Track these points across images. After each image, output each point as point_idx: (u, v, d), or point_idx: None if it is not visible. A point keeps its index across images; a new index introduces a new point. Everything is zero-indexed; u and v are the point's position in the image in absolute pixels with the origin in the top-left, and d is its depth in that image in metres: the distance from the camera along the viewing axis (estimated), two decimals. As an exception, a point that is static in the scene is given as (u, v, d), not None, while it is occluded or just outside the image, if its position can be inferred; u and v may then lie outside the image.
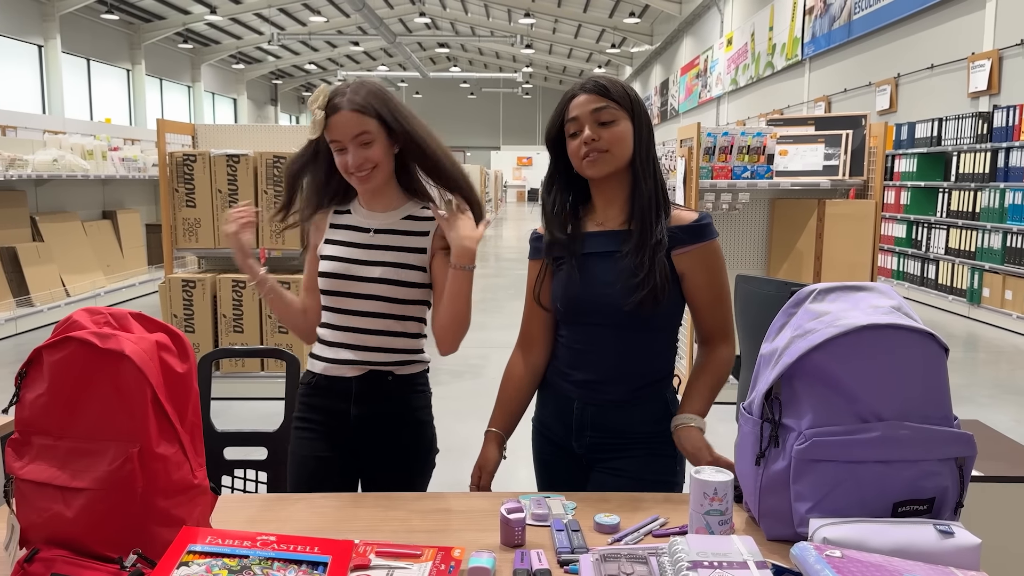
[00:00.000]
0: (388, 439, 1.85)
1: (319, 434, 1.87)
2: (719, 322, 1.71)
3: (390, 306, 1.82)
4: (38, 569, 1.14)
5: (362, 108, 1.74)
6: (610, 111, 1.62)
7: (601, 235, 1.69)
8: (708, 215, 1.69)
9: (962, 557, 1.18)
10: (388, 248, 1.84)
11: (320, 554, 1.09)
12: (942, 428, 1.29)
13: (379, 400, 1.84)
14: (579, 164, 1.66)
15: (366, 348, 1.83)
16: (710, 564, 1.04)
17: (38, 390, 1.22)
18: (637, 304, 1.60)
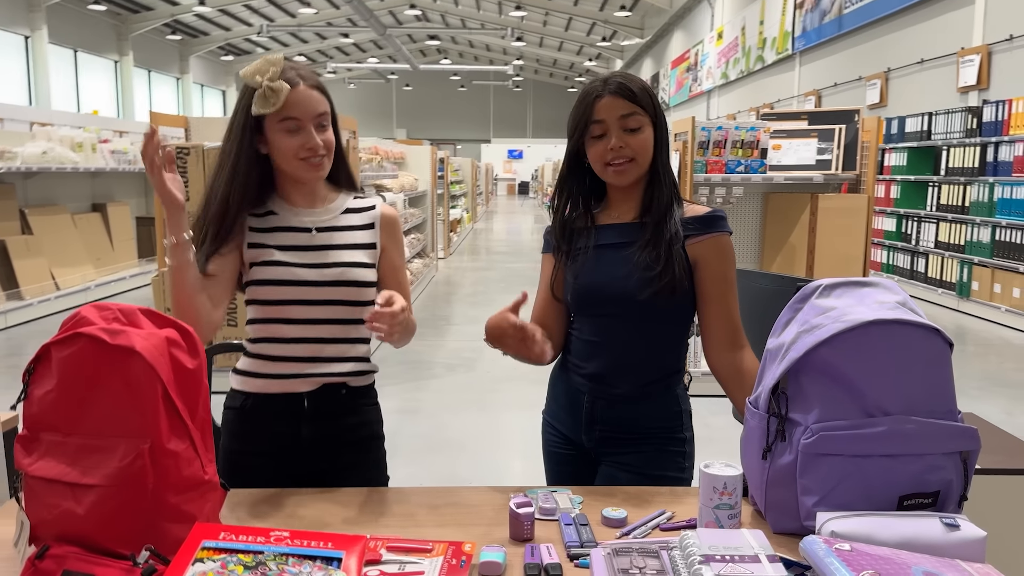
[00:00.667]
0: (344, 458, 1.71)
1: (261, 465, 1.66)
2: (731, 322, 1.68)
3: (346, 310, 1.68)
4: (49, 566, 1.14)
5: (319, 87, 1.64)
6: (636, 118, 1.62)
7: (615, 228, 1.70)
8: (722, 210, 1.70)
9: (968, 549, 1.19)
10: (336, 247, 1.69)
11: (334, 549, 1.09)
12: (947, 422, 1.30)
13: (334, 416, 1.70)
14: (602, 169, 1.66)
15: (320, 359, 1.68)
16: (722, 558, 1.05)
17: (47, 386, 1.21)
18: (653, 295, 1.61)
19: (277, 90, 1.56)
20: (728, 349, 1.68)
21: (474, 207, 20.14)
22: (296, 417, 1.68)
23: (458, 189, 16.67)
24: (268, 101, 1.56)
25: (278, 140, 1.61)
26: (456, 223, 15.03)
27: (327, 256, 1.67)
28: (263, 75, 1.56)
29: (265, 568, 1.03)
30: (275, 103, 1.56)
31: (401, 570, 1.19)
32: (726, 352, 1.68)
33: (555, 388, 1.83)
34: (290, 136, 1.60)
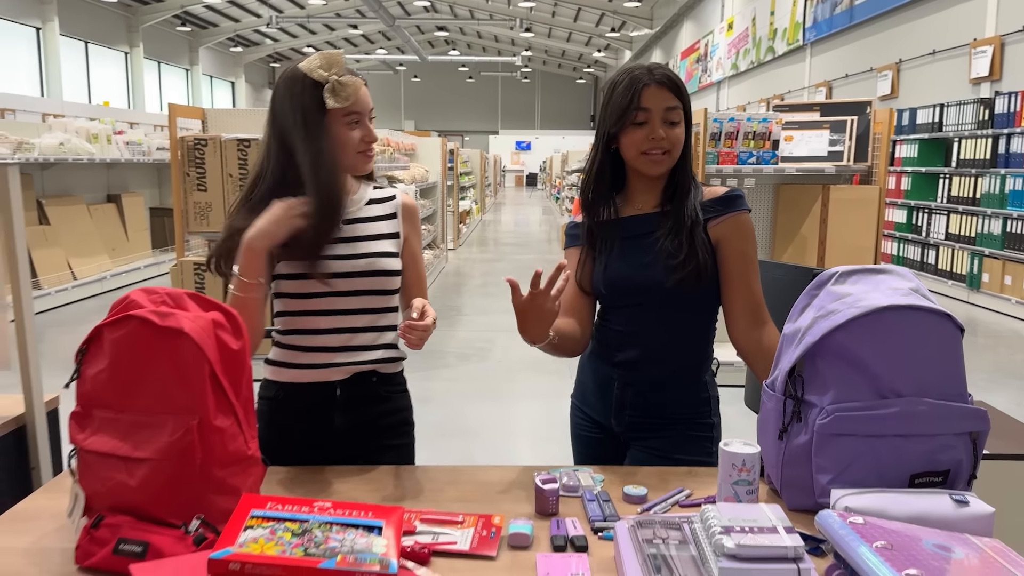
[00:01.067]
0: (375, 445, 1.75)
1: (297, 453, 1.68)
2: (754, 298, 1.72)
3: (375, 299, 1.72)
4: (104, 534, 1.21)
5: (365, 83, 1.70)
6: (678, 112, 1.66)
7: (638, 219, 1.74)
8: (740, 189, 1.75)
9: (976, 525, 1.25)
10: (362, 238, 1.71)
11: (374, 519, 1.15)
12: (958, 404, 1.35)
13: (366, 403, 1.74)
14: (636, 156, 1.68)
15: (351, 348, 1.71)
16: (741, 529, 1.11)
17: (99, 366, 1.28)
18: (679, 281, 1.65)
19: (350, 84, 1.60)
20: (752, 326, 1.72)
21: (483, 199, 20.18)
22: (329, 405, 1.71)
23: (467, 180, 16.72)
24: (340, 95, 1.59)
25: (342, 133, 1.63)
26: (465, 214, 15.08)
27: (355, 247, 1.69)
28: (328, 70, 1.59)
29: (311, 535, 1.09)
30: (348, 97, 1.60)
31: (435, 540, 1.26)
32: (750, 329, 1.72)
33: (584, 374, 1.88)
34: (353, 129, 1.65)
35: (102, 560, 1.19)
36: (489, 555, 1.24)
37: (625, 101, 1.66)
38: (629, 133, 1.68)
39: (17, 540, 1.31)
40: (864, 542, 1.11)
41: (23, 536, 1.32)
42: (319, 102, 1.60)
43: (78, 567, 1.21)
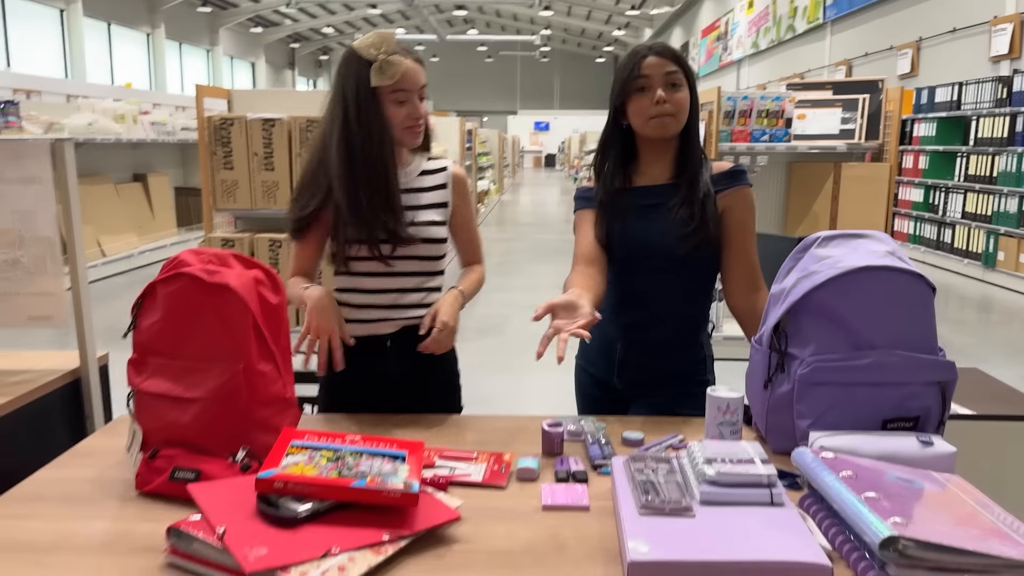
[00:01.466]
0: (423, 392, 1.89)
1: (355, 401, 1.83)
2: (750, 265, 1.85)
3: (421, 264, 1.84)
4: (161, 464, 1.37)
5: (419, 61, 1.75)
6: (679, 76, 1.77)
7: (650, 189, 1.86)
8: (743, 165, 1.88)
9: (939, 463, 1.38)
10: (414, 208, 1.82)
11: (398, 450, 1.31)
12: (928, 356, 1.48)
13: (415, 352, 1.83)
14: (643, 122, 1.79)
15: (399, 306, 1.85)
16: (722, 460, 1.25)
17: (153, 318, 1.44)
18: (692, 249, 1.78)
19: (396, 63, 1.67)
20: (747, 291, 1.86)
21: (501, 179, 20.27)
22: (382, 356, 1.86)
23: (485, 161, 16.81)
24: (386, 74, 1.68)
25: (389, 110, 1.72)
26: (484, 195, 15.20)
27: (406, 216, 1.79)
28: (378, 49, 1.67)
29: (344, 461, 1.25)
30: (393, 75, 1.68)
31: (452, 473, 1.41)
32: (746, 293, 1.86)
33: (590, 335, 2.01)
34: (399, 107, 1.73)
35: (159, 486, 1.35)
36: (499, 485, 1.39)
37: (626, 72, 1.79)
38: (634, 101, 1.79)
39: (82, 472, 1.48)
40: (831, 472, 1.25)
41: (87, 469, 1.49)
42: (368, 79, 1.69)
43: (138, 492, 1.38)
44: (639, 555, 1.06)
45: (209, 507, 1.17)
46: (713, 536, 1.11)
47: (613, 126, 1.88)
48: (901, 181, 10.27)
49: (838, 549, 1.18)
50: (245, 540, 1.10)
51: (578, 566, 1.15)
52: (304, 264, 1.87)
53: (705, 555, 1.06)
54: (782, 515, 1.18)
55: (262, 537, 1.12)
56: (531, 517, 1.30)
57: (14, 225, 1.95)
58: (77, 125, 7.63)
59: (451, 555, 1.18)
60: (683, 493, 1.22)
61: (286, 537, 1.13)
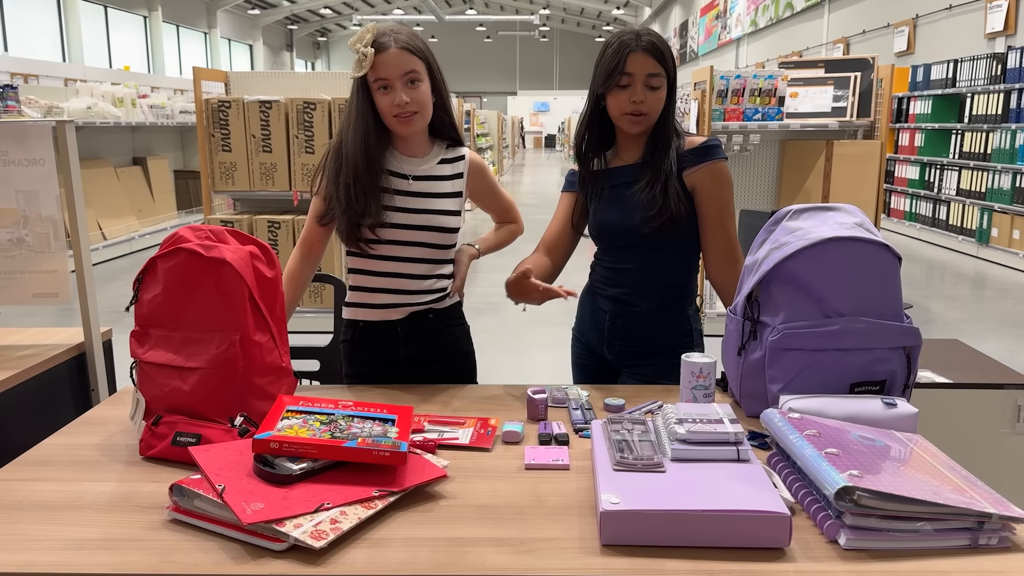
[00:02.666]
0: (437, 373, 1.96)
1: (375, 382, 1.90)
2: (727, 239, 1.91)
3: (430, 251, 1.91)
4: (163, 430, 1.45)
5: (409, 47, 1.79)
6: (659, 78, 1.83)
7: (622, 169, 1.94)
8: (716, 139, 1.93)
9: (902, 423, 1.46)
10: (428, 195, 1.89)
11: (388, 414, 1.38)
12: (893, 323, 1.55)
13: (425, 338, 1.95)
14: (619, 116, 1.86)
15: (406, 292, 1.91)
16: (693, 420, 1.33)
17: (154, 291, 1.51)
18: (656, 229, 1.85)
19: (366, 55, 1.75)
20: (724, 263, 1.92)
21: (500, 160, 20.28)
22: (393, 341, 1.94)
23: (484, 142, 16.82)
24: (360, 65, 1.77)
25: (376, 99, 1.81)
26: (483, 175, 15.18)
27: (420, 203, 1.87)
28: (358, 43, 1.76)
29: (337, 424, 1.32)
30: (365, 66, 1.76)
31: (440, 436, 1.49)
32: (723, 265, 1.92)
33: (582, 308, 2.10)
34: (383, 95, 1.79)
35: (162, 450, 1.43)
36: (485, 448, 1.47)
37: (612, 64, 1.84)
38: (614, 94, 1.86)
39: (88, 439, 1.55)
40: (796, 431, 1.33)
41: (93, 436, 1.57)
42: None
43: (142, 457, 1.45)
44: (610, 506, 1.14)
45: (209, 467, 1.25)
46: (680, 489, 1.19)
47: (593, 109, 1.94)
48: (897, 159, 10.30)
49: (800, 501, 1.26)
50: (243, 496, 1.18)
51: (556, 518, 1.23)
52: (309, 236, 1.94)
53: (670, 505, 1.14)
54: (747, 470, 1.26)
55: (259, 494, 1.19)
56: (514, 476, 1.38)
57: (18, 205, 2.02)
58: (76, 109, 7.67)
59: (438, 509, 1.26)
60: (655, 451, 1.30)
61: (282, 493, 1.20)
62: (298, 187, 5.21)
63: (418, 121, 1.84)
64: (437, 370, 1.98)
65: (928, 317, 6.12)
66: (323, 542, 1.11)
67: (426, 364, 1.97)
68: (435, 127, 1.94)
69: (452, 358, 2.02)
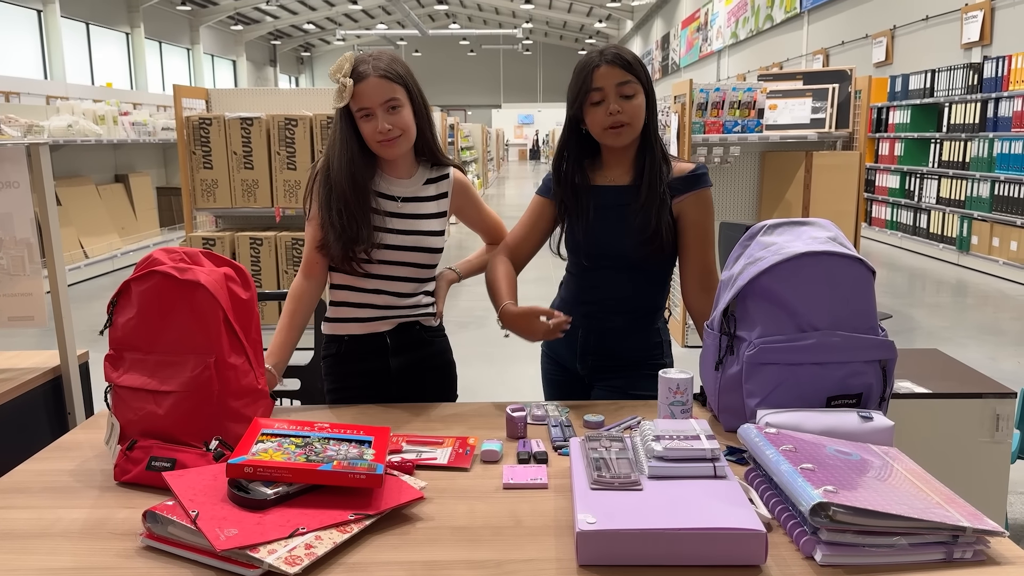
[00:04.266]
0: (423, 384, 2.00)
1: (360, 397, 1.92)
2: (706, 267, 1.92)
3: (417, 271, 1.94)
4: (138, 455, 1.43)
5: (388, 74, 1.80)
6: (632, 85, 1.82)
7: (610, 190, 1.92)
8: (704, 166, 1.94)
9: (878, 436, 1.46)
10: (416, 216, 1.92)
11: (365, 435, 1.38)
12: (868, 336, 1.56)
13: (414, 348, 1.98)
14: (600, 132, 1.85)
15: (394, 307, 1.94)
16: (670, 436, 1.33)
17: (128, 315, 1.50)
18: (646, 254, 1.86)
19: (346, 85, 1.78)
20: (700, 290, 1.93)
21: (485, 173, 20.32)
22: (383, 352, 1.96)
23: (469, 155, 16.85)
24: (340, 96, 1.79)
25: (360, 126, 1.83)
26: (467, 188, 15.19)
27: (408, 224, 1.91)
28: (337, 73, 1.79)
29: (312, 447, 1.31)
30: (345, 97, 1.79)
31: (418, 457, 1.48)
32: (699, 292, 1.93)
33: None
34: (366, 122, 1.82)
35: (137, 475, 1.42)
36: (464, 467, 1.47)
37: (579, 84, 1.85)
38: (590, 113, 1.86)
39: (63, 464, 1.54)
40: (772, 446, 1.33)
41: (67, 461, 1.55)
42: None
43: (117, 482, 1.44)
44: (586, 526, 1.14)
45: (183, 492, 1.24)
46: (657, 507, 1.19)
47: (571, 131, 1.93)
48: (878, 168, 10.41)
49: (777, 517, 1.26)
50: (217, 522, 1.17)
51: (533, 538, 1.23)
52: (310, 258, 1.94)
53: (647, 524, 1.13)
54: (724, 487, 1.26)
55: (233, 519, 1.18)
56: (492, 496, 1.37)
57: (-8, 229, 2.00)
58: (57, 127, 7.63)
59: (415, 532, 1.25)
60: (632, 468, 1.29)
61: (256, 519, 1.19)
62: (280, 203, 5.19)
63: (402, 144, 1.86)
64: (424, 381, 2.00)
65: (910, 325, 6.17)
66: (297, 568, 1.10)
67: (415, 375, 1.99)
68: (419, 148, 1.96)
69: (438, 368, 2.06)
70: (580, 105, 1.86)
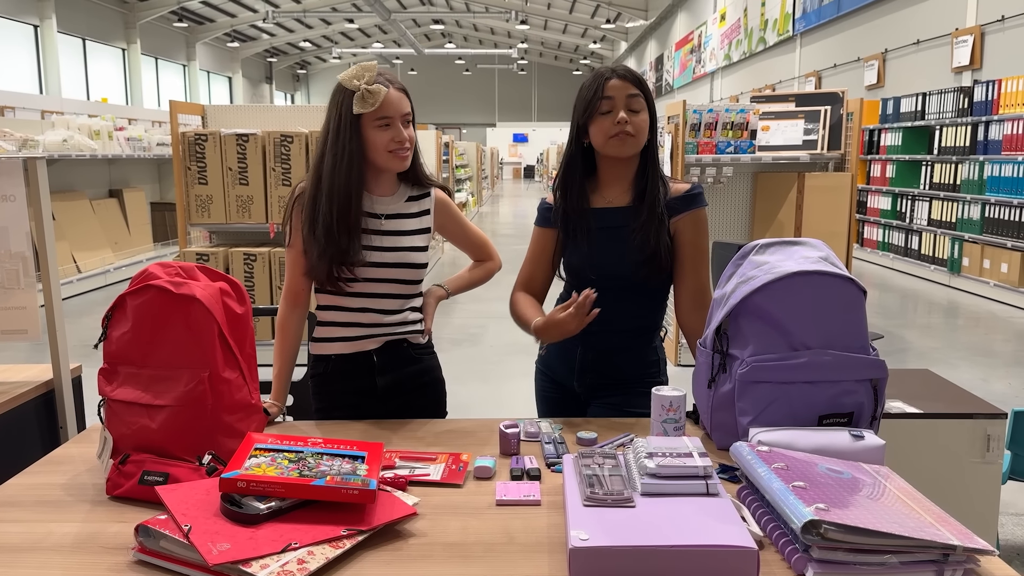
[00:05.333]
0: (411, 402, 1.99)
1: (348, 416, 1.90)
2: (700, 286, 1.94)
3: (401, 287, 1.94)
4: (131, 469, 1.43)
5: (404, 90, 1.86)
6: (640, 100, 1.86)
7: (609, 211, 1.94)
8: (700, 186, 1.97)
9: (870, 455, 1.47)
10: (399, 233, 1.92)
11: (358, 451, 1.38)
12: (859, 355, 1.57)
13: (402, 366, 1.97)
14: (604, 141, 1.87)
15: (381, 324, 1.94)
16: (663, 454, 1.34)
17: (123, 328, 1.50)
18: (646, 275, 1.88)
19: (375, 92, 1.77)
20: (694, 308, 1.95)
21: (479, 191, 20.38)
22: (370, 370, 1.95)
23: (463, 173, 16.91)
24: (367, 102, 1.78)
25: (373, 135, 1.82)
26: (461, 207, 15.28)
27: (391, 241, 1.90)
28: (360, 79, 1.79)
29: (305, 462, 1.31)
30: (373, 103, 1.78)
31: (411, 473, 1.48)
32: (693, 311, 1.95)
33: (550, 343, 2.09)
34: (382, 131, 1.82)
35: (129, 490, 1.41)
36: (456, 484, 1.47)
37: (590, 93, 1.88)
38: (596, 122, 1.87)
39: (55, 478, 1.53)
40: (765, 464, 1.34)
41: (60, 475, 1.54)
42: (351, 108, 1.80)
43: (109, 497, 1.43)
44: (579, 542, 1.14)
45: (176, 506, 1.23)
46: (649, 524, 1.19)
47: (576, 145, 1.96)
48: (870, 189, 10.49)
49: (769, 535, 1.27)
50: (209, 536, 1.17)
51: (526, 555, 1.23)
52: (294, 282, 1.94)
53: (639, 541, 1.14)
54: (716, 504, 1.26)
55: (226, 534, 1.18)
56: (485, 512, 1.37)
57: (-13, 242, 2.00)
58: (52, 141, 7.63)
59: (407, 548, 1.25)
60: (625, 485, 1.30)
61: (248, 533, 1.19)
62: (275, 219, 5.20)
63: (409, 158, 1.89)
64: (412, 399, 1.99)
65: (902, 346, 6.19)
66: (290, 583, 1.09)
67: (402, 393, 1.98)
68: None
69: (427, 386, 2.05)
70: (590, 114, 1.88)
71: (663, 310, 2.03)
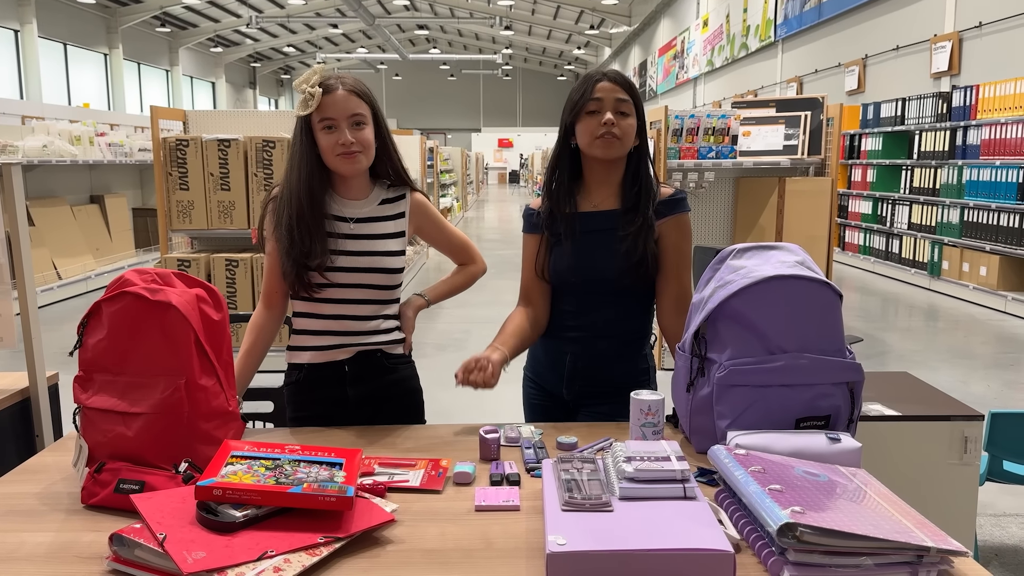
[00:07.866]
0: (385, 411, 1.95)
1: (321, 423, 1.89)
2: (682, 289, 1.95)
3: (376, 292, 1.91)
4: (106, 477, 1.42)
5: (355, 91, 1.82)
6: (628, 105, 1.86)
7: (596, 215, 1.94)
8: (683, 191, 1.98)
9: (846, 457, 1.48)
10: (371, 237, 1.89)
11: (336, 457, 1.37)
12: (835, 359, 1.58)
13: (374, 377, 1.94)
14: (590, 142, 1.87)
15: (354, 333, 1.91)
16: (641, 458, 1.34)
17: (98, 336, 1.49)
18: (633, 280, 1.89)
19: (313, 94, 1.78)
20: (676, 312, 1.95)
21: (464, 196, 20.38)
22: (341, 381, 1.93)
23: (448, 178, 16.90)
24: (306, 104, 1.78)
25: (319, 138, 1.82)
26: (447, 212, 15.27)
27: (362, 245, 1.88)
28: (305, 83, 1.79)
29: (282, 469, 1.31)
30: (311, 105, 1.78)
31: (391, 479, 1.48)
32: (675, 315, 1.95)
33: (536, 348, 2.09)
34: (328, 134, 1.80)
35: (105, 498, 1.40)
36: (436, 490, 1.46)
37: (579, 94, 1.89)
38: (584, 122, 1.87)
39: (29, 487, 1.51)
40: (741, 467, 1.35)
41: (34, 484, 1.53)
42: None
43: (84, 506, 1.42)
44: (556, 547, 1.14)
45: (151, 515, 1.22)
46: (627, 528, 1.19)
47: (563, 147, 1.96)
48: (850, 194, 10.57)
49: (745, 538, 1.27)
50: (184, 545, 1.16)
51: (504, 561, 1.23)
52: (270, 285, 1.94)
53: (616, 545, 1.14)
54: (693, 508, 1.27)
55: (201, 542, 1.17)
56: (464, 518, 1.37)
57: (-38, 249, 1.98)
58: (32, 147, 7.56)
59: (385, 555, 1.25)
60: (603, 490, 1.30)
61: (224, 541, 1.18)
62: (256, 225, 5.18)
63: (362, 160, 1.84)
64: (385, 409, 1.96)
65: (882, 349, 6.24)
66: (265, 591, 1.09)
67: (374, 403, 1.95)
68: (375, 171, 1.95)
69: (400, 396, 2.01)
70: (577, 113, 1.88)
71: (650, 315, 2.03)
